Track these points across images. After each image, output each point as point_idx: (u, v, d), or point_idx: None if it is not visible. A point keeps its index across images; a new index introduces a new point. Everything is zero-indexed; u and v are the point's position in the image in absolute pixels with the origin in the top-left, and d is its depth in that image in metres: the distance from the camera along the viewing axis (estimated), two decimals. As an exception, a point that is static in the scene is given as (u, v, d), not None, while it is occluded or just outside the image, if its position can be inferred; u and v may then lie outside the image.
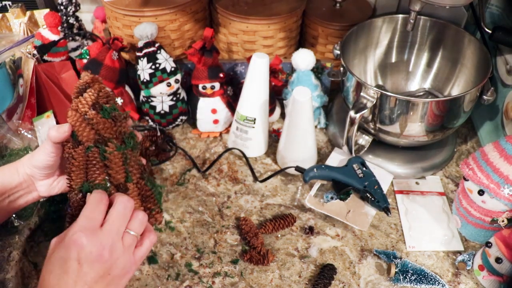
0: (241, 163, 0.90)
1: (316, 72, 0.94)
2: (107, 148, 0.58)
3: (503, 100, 0.84)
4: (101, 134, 0.59)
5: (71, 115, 0.58)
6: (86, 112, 0.57)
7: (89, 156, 0.58)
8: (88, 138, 0.58)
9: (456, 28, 0.88)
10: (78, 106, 0.58)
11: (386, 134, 0.82)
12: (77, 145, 0.58)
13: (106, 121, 0.59)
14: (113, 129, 0.59)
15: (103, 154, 0.58)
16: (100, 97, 0.59)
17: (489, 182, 0.66)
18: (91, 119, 0.58)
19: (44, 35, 0.90)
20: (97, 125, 0.58)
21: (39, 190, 0.66)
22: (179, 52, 0.97)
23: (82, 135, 0.58)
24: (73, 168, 0.58)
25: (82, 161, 0.58)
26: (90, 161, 0.58)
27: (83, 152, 0.58)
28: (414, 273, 0.70)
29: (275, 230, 0.77)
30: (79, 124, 0.57)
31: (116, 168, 0.59)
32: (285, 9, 0.93)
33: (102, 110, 0.59)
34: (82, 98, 0.58)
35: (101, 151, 0.58)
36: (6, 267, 0.72)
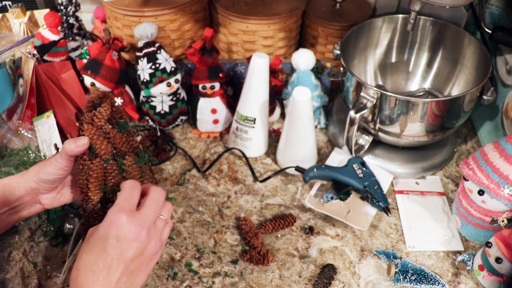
0: (241, 163, 0.90)
1: (316, 72, 0.94)
2: (125, 161, 0.60)
3: (503, 100, 0.84)
4: (118, 148, 0.61)
5: (87, 128, 0.59)
6: (102, 126, 0.59)
7: (107, 168, 0.60)
8: (106, 151, 0.59)
9: (456, 28, 0.88)
10: (94, 120, 0.59)
11: (386, 134, 0.82)
12: (94, 157, 0.60)
13: (122, 135, 0.61)
14: (129, 144, 0.62)
15: (121, 167, 0.60)
16: (114, 112, 0.61)
17: (489, 182, 0.66)
18: (108, 133, 0.60)
19: (44, 35, 0.90)
20: (114, 139, 0.60)
21: (43, 203, 0.65)
22: (179, 52, 0.97)
23: (100, 148, 0.59)
24: (91, 179, 0.59)
25: (100, 173, 0.60)
26: (109, 173, 0.60)
27: (101, 164, 0.59)
28: (414, 273, 0.70)
29: (275, 230, 0.77)
30: (97, 138, 0.59)
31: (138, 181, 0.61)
32: (285, 9, 0.93)
33: (118, 125, 0.61)
34: (97, 112, 0.59)
35: (119, 164, 0.60)
36: (6, 267, 0.72)
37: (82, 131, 0.60)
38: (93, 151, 0.60)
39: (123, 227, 0.51)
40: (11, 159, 0.82)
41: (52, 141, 0.86)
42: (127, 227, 0.51)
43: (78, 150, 0.59)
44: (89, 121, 0.59)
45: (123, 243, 0.51)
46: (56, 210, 0.79)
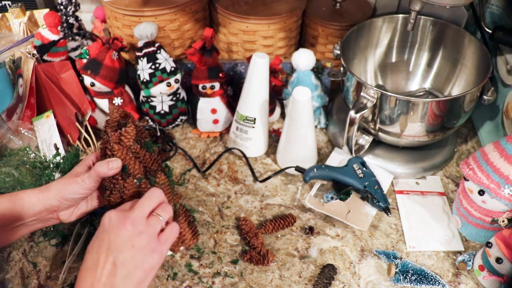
0: (241, 163, 0.90)
1: (316, 72, 0.94)
2: (158, 180, 0.62)
3: (504, 100, 0.84)
4: (148, 167, 0.62)
5: (118, 149, 0.60)
6: (131, 146, 0.61)
7: (141, 187, 0.61)
8: (139, 171, 0.61)
9: (456, 28, 0.88)
10: (122, 139, 0.60)
11: (386, 134, 0.82)
12: (127, 176, 0.60)
13: (151, 154, 0.63)
14: (157, 162, 0.63)
15: (154, 185, 0.61)
16: (138, 132, 0.63)
17: (489, 182, 0.66)
18: (137, 152, 0.61)
19: (44, 35, 0.90)
20: (144, 159, 0.62)
21: (60, 218, 0.64)
22: (179, 52, 0.97)
23: (134, 168, 0.60)
24: (127, 198, 0.60)
25: (135, 192, 0.61)
26: (143, 191, 0.60)
27: (135, 184, 0.60)
28: (414, 273, 0.70)
29: (275, 230, 0.77)
30: (129, 158, 0.60)
31: (167, 197, 0.62)
32: (285, 9, 0.93)
33: (145, 144, 0.63)
34: (124, 132, 0.60)
35: (152, 182, 0.62)
36: (6, 267, 0.72)
37: (111, 151, 0.60)
38: (126, 171, 0.61)
39: (110, 219, 0.53)
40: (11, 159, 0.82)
41: (52, 141, 0.86)
42: (114, 219, 0.53)
43: (111, 172, 0.59)
44: (117, 141, 0.60)
45: (111, 234, 0.52)
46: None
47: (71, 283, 0.70)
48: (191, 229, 0.69)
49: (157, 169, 0.63)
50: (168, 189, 0.64)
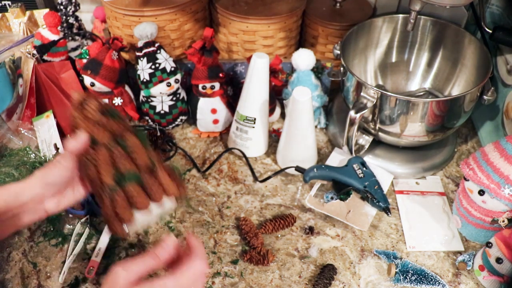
0: (241, 163, 0.90)
1: (316, 72, 0.94)
2: (127, 142, 0.62)
3: (504, 100, 0.84)
4: (116, 133, 0.62)
5: (82, 123, 0.61)
6: (95, 117, 0.61)
7: (113, 151, 0.61)
8: (106, 137, 0.61)
9: (456, 28, 0.88)
10: (85, 114, 0.61)
11: (386, 134, 0.82)
12: (97, 146, 0.61)
13: (116, 120, 0.63)
14: (125, 127, 0.63)
15: (125, 147, 0.62)
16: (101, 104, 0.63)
17: (489, 182, 0.66)
18: (103, 122, 0.61)
19: (44, 35, 0.90)
20: (110, 126, 0.62)
21: (47, 208, 0.64)
22: (179, 52, 0.97)
23: (101, 137, 0.61)
24: (101, 165, 0.60)
25: (107, 157, 0.61)
26: (116, 155, 0.61)
27: (106, 149, 0.61)
28: (414, 273, 0.70)
29: (275, 230, 0.77)
30: (94, 128, 0.61)
31: (140, 155, 0.62)
32: (285, 9, 0.93)
33: (109, 112, 0.63)
34: (86, 106, 0.61)
35: (122, 145, 0.62)
36: (6, 267, 0.72)
37: (77, 128, 0.62)
38: (94, 141, 0.61)
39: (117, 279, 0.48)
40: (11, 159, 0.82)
41: (52, 141, 0.86)
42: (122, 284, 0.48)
43: (80, 145, 0.59)
44: (82, 118, 0.61)
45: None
46: (55, 210, 0.79)
47: (71, 283, 0.70)
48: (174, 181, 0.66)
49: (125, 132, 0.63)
50: (142, 151, 0.63)
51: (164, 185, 0.65)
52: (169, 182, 0.65)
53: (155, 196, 0.63)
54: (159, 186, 0.64)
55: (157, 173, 0.64)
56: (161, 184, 0.65)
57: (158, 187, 0.64)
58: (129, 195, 0.61)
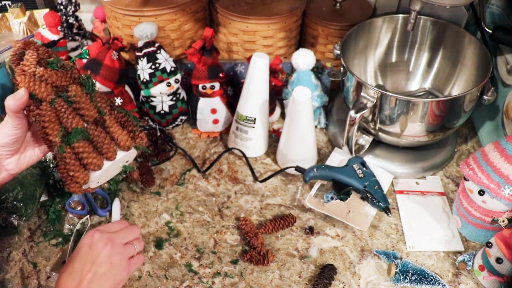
0: (241, 163, 0.90)
1: (316, 72, 0.94)
2: (69, 94, 0.59)
3: (504, 100, 0.84)
4: (58, 85, 0.59)
5: (21, 79, 0.58)
6: (34, 72, 0.58)
7: (56, 107, 0.58)
8: (48, 93, 0.58)
9: (456, 28, 0.88)
10: (24, 69, 0.58)
11: (386, 134, 0.82)
12: (40, 103, 0.58)
13: (57, 72, 0.59)
14: (68, 77, 0.60)
15: (68, 100, 0.59)
16: (41, 55, 0.60)
17: (489, 182, 0.66)
18: (42, 75, 0.58)
19: (44, 35, 0.90)
20: (51, 79, 0.59)
21: (8, 168, 0.63)
22: (179, 52, 0.97)
23: (41, 92, 0.58)
24: (46, 124, 0.58)
25: (52, 115, 0.58)
26: (60, 111, 0.58)
27: (49, 106, 0.58)
28: (414, 273, 0.70)
29: (275, 230, 0.77)
30: (33, 84, 0.58)
31: (86, 107, 0.60)
32: (285, 9, 0.93)
33: (48, 64, 0.60)
34: (24, 61, 0.59)
35: (65, 98, 0.59)
36: (6, 267, 0.72)
37: (17, 85, 0.59)
38: (35, 98, 0.58)
39: (94, 237, 0.64)
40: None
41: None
42: (98, 239, 0.64)
43: (19, 103, 0.58)
44: (20, 73, 0.58)
45: (94, 251, 0.63)
46: (56, 210, 0.79)
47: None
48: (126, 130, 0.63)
49: (68, 83, 0.60)
50: (87, 101, 0.60)
51: (116, 137, 0.61)
52: (121, 133, 0.61)
53: (107, 152, 0.60)
54: (110, 139, 0.60)
55: (107, 125, 0.61)
56: (112, 137, 0.61)
57: (109, 141, 0.60)
58: (78, 153, 0.58)
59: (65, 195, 0.81)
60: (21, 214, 0.75)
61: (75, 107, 0.59)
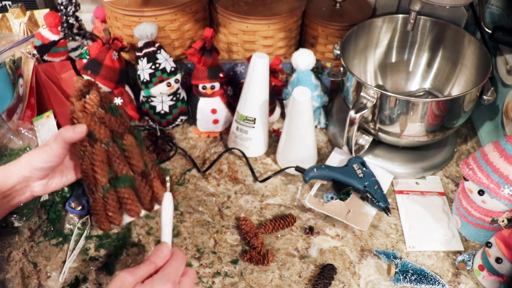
0: (241, 163, 0.90)
1: (316, 72, 0.94)
2: (124, 142, 0.62)
3: (503, 100, 0.84)
4: (114, 130, 0.63)
5: (83, 116, 0.61)
6: (95, 112, 0.61)
7: (109, 151, 0.62)
8: (105, 135, 0.61)
9: (456, 28, 0.88)
10: (86, 107, 0.61)
11: (386, 134, 0.82)
12: (95, 142, 0.61)
13: (116, 118, 0.63)
14: (124, 125, 0.64)
15: (122, 147, 0.62)
16: (102, 98, 0.63)
17: (489, 182, 0.66)
18: (102, 118, 0.61)
19: (44, 35, 0.90)
20: (110, 123, 0.62)
21: (34, 190, 0.65)
22: (179, 52, 0.97)
23: (99, 133, 0.61)
24: (97, 163, 0.61)
25: (104, 156, 0.62)
26: (112, 155, 0.62)
27: (103, 148, 0.61)
28: (414, 273, 0.70)
29: (275, 230, 0.77)
30: (94, 124, 0.61)
31: (136, 157, 0.64)
32: (285, 9, 0.93)
33: (110, 109, 0.63)
34: (88, 99, 0.61)
35: (120, 144, 0.62)
36: (6, 267, 0.72)
37: (76, 120, 0.61)
38: (92, 137, 0.61)
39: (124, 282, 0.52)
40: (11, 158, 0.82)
41: (52, 141, 0.86)
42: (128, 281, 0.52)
43: (77, 137, 0.60)
44: (81, 109, 0.61)
45: None
46: (56, 210, 0.79)
47: (71, 283, 0.70)
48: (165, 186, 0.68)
49: (124, 131, 0.63)
50: (137, 151, 0.64)
51: (156, 192, 0.67)
52: (160, 188, 0.67)
53: (146, 202, 0.65)
54: (150, 192, 0.66)
55: (150, 179, 0.66)
56: (153, 190, 0.66)
57: (150, 193, 0.65)
58: (121, 198, 0.62)
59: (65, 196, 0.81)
60: (21, 214, 0.75)
61: (126, 155, 0.63)
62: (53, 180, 0.66)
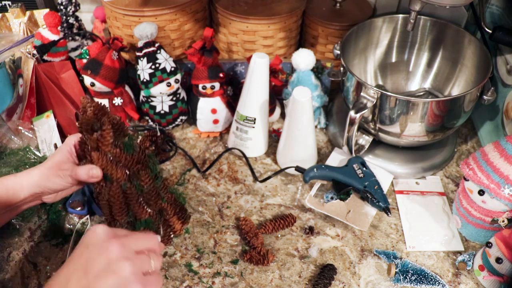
0: (241, 163, 0.90)
1: (316, 72, 0.94)
2: (142, 183, 0.61)
3: (503, 100, 0.84)
4: (130, 168, 0.61)
5: (97, 157, 0.58)
6: (110, 151, 0.59)
7: (127, 192, 0.60)
8: (122, 177, 0.60)
9: (456, 28, 0.88)
10: (99, 145, 0.58)
11: (386, 134, 0.82)
12: (111, 183, 0.60)
13: (132, 156, 0.61)
14: (139, 161, 0.62)
15: (140, 189, 0.61)
16: (116, 130, 0.60)
17: (489, 182, 0.66)
18: (118, 157, 0.59)
19: (44, 35, 0.90)
20: (126, 162, 0.60)
21: (44, 200, 0.67)
22: (179, 52, 0.97)
23: (116, 175, 0.59)
24: (115, 205, 0.60)
25: (121, 197, 0.60)
26: (130, 196, 0.61)
27: (120, 189, 0.60)
28: (414, 273, 0.70)
29: (275, 230, 0.77)
30: (110, 166, 0.58)
31: (153, 198, 0.63)
32: (285, 9, 0.93)
33: (124, 146, 0.60)
34: (101, 137, 0.58)
35: (137, 186, 0.61)
36: (6, 267, 0.72)
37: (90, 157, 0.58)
38: (108, 179, 0.60)
39: (97, 234, 0.47)
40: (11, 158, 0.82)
41: (52, 141, 0.86)
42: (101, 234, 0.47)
43: (91, 180, 0.59)
44: (94, 146, 0.58)
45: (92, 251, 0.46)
46: (56, 210, 0.79)
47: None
48: (179, 219, 0.69)
49: (140, 168, 0.61)
50: (154, 188, 0.63)
51: (173, 226, 0.68)
52: (176, 222, 0.68)
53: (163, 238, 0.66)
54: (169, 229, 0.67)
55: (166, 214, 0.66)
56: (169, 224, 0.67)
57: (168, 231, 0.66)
58: None
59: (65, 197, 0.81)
60: (21, 215, 0.75)
61: (144, 196, 0.62)
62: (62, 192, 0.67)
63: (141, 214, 0.62)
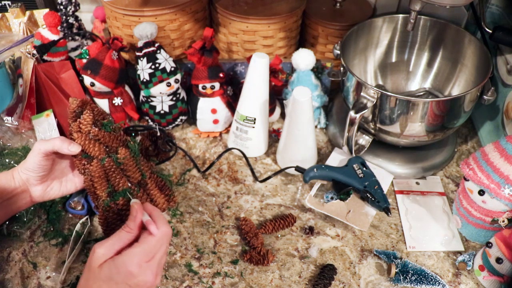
0: (241, 163, 0.90)
1: (316, 72, 0.94)
2: (119, 155, 0.66)
3: (504, 100, 0.84)
4: (109, 146, 0.67)
5: (77, 136, 0.65)
6: (90, 131, 0.66)
7: (106, 166, 0.66)
8: (99, 152, 0.66)
9: (456, 28, 0.88)
10: (80, 127, 0.66)
11: (386, 134, 0.82)
12: (91, 160, 0.66)
13: (110, 134, 0.67)
14: (117, 139, 0.68)
15: (117, 161, 0.66)
16: (96, 115, 0.67)
17: (489, 182, 0.66)
18: (96, 135, 0.66)
19: (44, 35, 0.90)
20: (104, 139, 0.66)
21: (33, 195, 0.68)
22: (179, 52, 0.97)
23: (94, 151, 0.65)
24: (95, 179, 0.65)
25: (101, 172, 0.66)
26: (109, 170, 0.66)
27: (99, 164, 0.65)
28: (415, 273, 0.70)
29: (275, 230, 0.77)
30: (88, 143, 0.65)
31: (132, 169, 0.68)
32: (285, 9, 0.93)
33: (103, 126, 0.67)
34: (81, 119, 0.66)
35: (115, 159, 0.66)
36: (6, 267, 0.72)
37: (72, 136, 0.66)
38: (89, 156, 0.66)
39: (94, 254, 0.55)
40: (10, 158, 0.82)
41: (52, 141, 0.86)
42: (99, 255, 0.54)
43: (67, 152, 0.64)
44: (77, 130, 0.66)
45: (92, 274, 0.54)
46: (56, 210, 0.79)
47: (71, 283, 0.70)
48: (163, 194, 0.72)
49: (118, 145, 0.67)
50: (132, 163, 0.68)
51: (155, 200, 0.70)
52: (159, 196, 0.71)
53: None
54: (148, 201, 0.69)
55: (147, 188, 0.70)
56: (151, 198, 0.70)
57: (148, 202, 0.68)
58: (120, 210, 0.66)
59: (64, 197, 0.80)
60: (22, 222, 0.76)
61: (122, 168, 0.67)
62: (51, 188, 0.70)
63: (118, 184, 0.66)
